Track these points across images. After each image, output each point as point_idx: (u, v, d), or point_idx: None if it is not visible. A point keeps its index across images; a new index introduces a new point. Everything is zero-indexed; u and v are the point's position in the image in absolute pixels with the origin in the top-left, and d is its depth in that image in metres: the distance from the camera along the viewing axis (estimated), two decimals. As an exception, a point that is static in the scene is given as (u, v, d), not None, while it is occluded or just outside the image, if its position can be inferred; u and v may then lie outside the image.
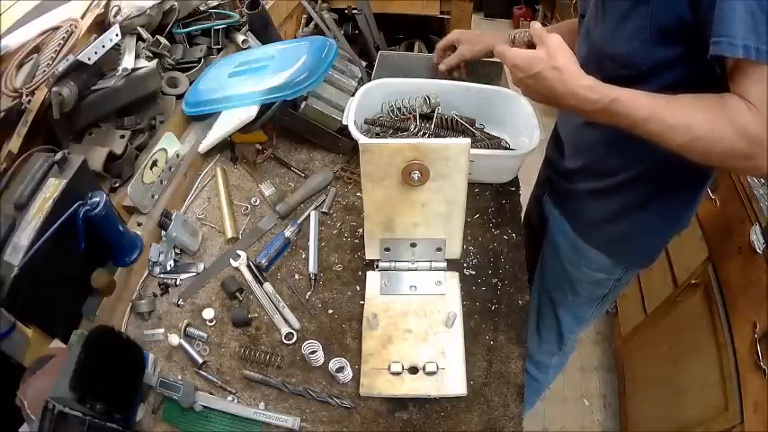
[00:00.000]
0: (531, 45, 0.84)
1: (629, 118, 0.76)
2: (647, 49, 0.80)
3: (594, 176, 1.06)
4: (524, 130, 1.17)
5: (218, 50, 1.41)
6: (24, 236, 0.79)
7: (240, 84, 1.21)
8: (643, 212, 1.05)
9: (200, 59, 1.34)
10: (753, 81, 0.68)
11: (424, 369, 0.85)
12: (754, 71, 0.68)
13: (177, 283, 1.01)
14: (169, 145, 1.11)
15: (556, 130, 1.21)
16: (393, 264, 0.99)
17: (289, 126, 1.26)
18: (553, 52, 0.78)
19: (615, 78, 0.79)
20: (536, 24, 0.83)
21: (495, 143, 1.21)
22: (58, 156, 0.86)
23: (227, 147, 1.27)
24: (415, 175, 0.85)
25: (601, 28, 0.88)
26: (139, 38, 1.21)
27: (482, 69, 1.38)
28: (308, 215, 1.12)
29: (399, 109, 1.23)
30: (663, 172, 0.95)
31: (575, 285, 1.24)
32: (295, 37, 1.69)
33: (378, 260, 1.00)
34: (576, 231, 1.16)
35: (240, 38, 1.42)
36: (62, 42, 1.10)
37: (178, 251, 1.05)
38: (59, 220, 0.80)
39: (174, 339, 0.91)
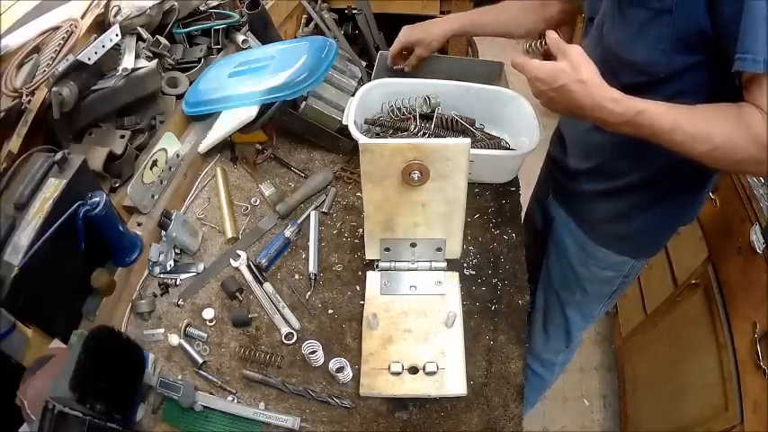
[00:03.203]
0: (546, 54, 0.83)
1: (652, 129, 0.76)
2: (666, 57, 0.81)
3: (603, 178, 1.07)
4: (524, 130, 1.17)
5: (218, 50, 1.40)
6: (24, 236, 0.79)
7: (240, 84, 1.21)
8: (652, 211, 1.05)
9: (200, 59, 1.34)
10: None
11: (424, 369, 0.85)
12: None
13: (177, 283, 1.01)
14: (169, 145, 1.11)
15: (558, 130, 1.21)
16: (393, 264, 0.99)
17: (289, 126, 1.26)
18: (577, 65, 0.77)
19: (631, 84, 0.79)
20: (552, 34, 0.81)
21: (495, 143, 1.21)
22: (58, 156, 0.86)
23: (227, 147, 1.27)
24: (415, 175, 0.85)
25: (618, 34, 0.88)
26: (139, 38, 1.21)
27: (482, 69, 1.39)
28: (308, 215, 1.12)
29: (399, 109, 1.23)
30: (671, 172, 0.96)
31: (583, 284, 1.24)
32: (295, 37, 1.69)
33: (378, 260, 1.00)
34: (584, 231, 1.17)
35: (240, 38, 1.42)
36: (62, 42, 1.10)
37: (178, 251, 1.05)
38: (59, 220, 0.80)
39: (174, 339, 0.91)
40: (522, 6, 1.22)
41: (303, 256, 1.06)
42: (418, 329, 0.91)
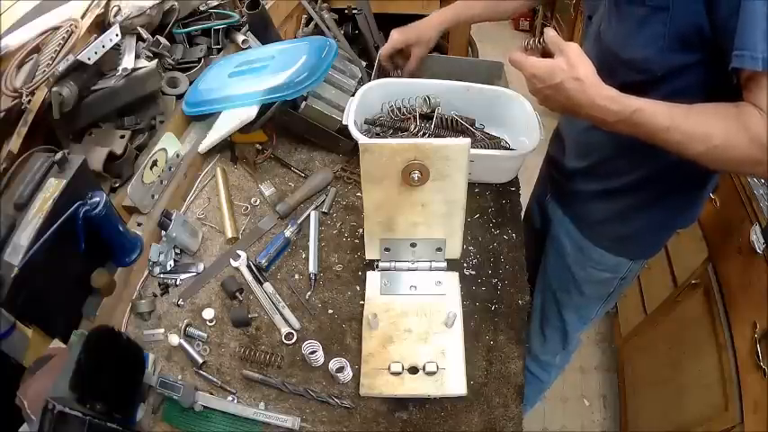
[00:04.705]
0: (545, 52, 0.83)
1: (649, 128, 0.75)
2: (663, 55, 0.80)
3: (601, 177, 1.06)
4: (524, 130, 1.17)
5: (218, 50, 1.40)
6: (24, 236, 0.79)
7: (240, 84, 1.21)
8: (651, 211, 1.05)
9: (200, 59, 1.34)
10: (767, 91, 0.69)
11: (424, 369, 0.85)
12: None
13: (177, 283, 1.01)
14: (169, 145, 1.11)
15: (558, 130, 1.21)
16: (393, 264, 0.99)
17: (289, 126, 1.26)
18: (574, 62, 0.77)
19: (628, 83, 0.79)
20: (550, 32, 0.82)
21: (495, 143, 1.21)
22: (58, 156, 0.86)
23: (227, 147, 1.27)
24: (415, 175, 0.85)
25: (615, 32, 0.88)
26: (139, 38, 1.21)
27: (482, 69, 1.39)
28: (308, 215, 1.12)
29: (399, 109, 1.23)
30: (671, 171, 0.95)
31: (580, 285, 1.24)
32: (295, 37, 1.69)
33: (378, 260, 1.00)
34: (582, 232, 1.16)
35: (240, 38, 1.42)
36: (62, 42, 1.10)
37: (178, 251, 1.05)
38: (59, 220, 0.80)
39: (174, 339, 0.91)
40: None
41: (303, 256, 1.06)
42: (418, 329, 0.91)
